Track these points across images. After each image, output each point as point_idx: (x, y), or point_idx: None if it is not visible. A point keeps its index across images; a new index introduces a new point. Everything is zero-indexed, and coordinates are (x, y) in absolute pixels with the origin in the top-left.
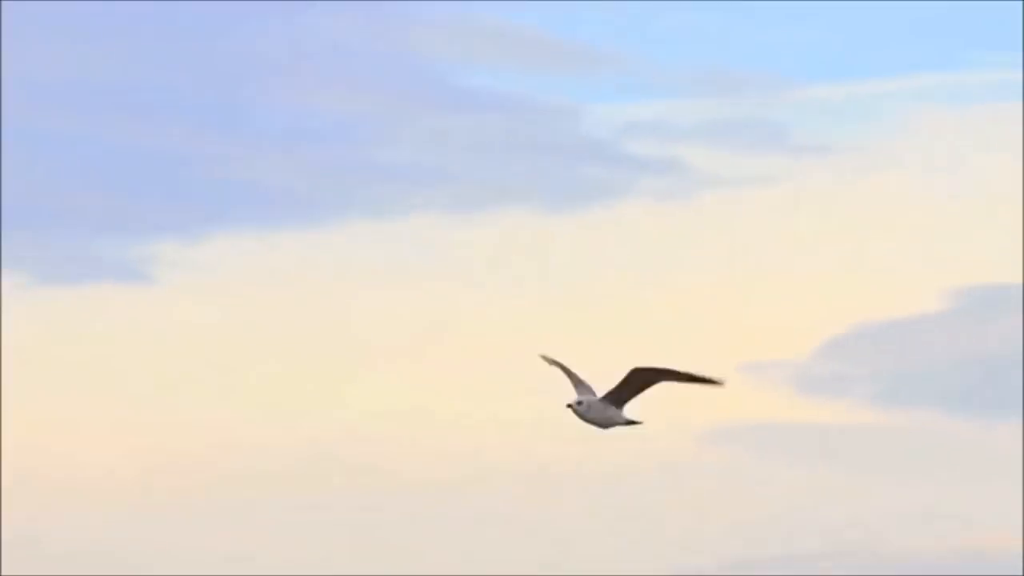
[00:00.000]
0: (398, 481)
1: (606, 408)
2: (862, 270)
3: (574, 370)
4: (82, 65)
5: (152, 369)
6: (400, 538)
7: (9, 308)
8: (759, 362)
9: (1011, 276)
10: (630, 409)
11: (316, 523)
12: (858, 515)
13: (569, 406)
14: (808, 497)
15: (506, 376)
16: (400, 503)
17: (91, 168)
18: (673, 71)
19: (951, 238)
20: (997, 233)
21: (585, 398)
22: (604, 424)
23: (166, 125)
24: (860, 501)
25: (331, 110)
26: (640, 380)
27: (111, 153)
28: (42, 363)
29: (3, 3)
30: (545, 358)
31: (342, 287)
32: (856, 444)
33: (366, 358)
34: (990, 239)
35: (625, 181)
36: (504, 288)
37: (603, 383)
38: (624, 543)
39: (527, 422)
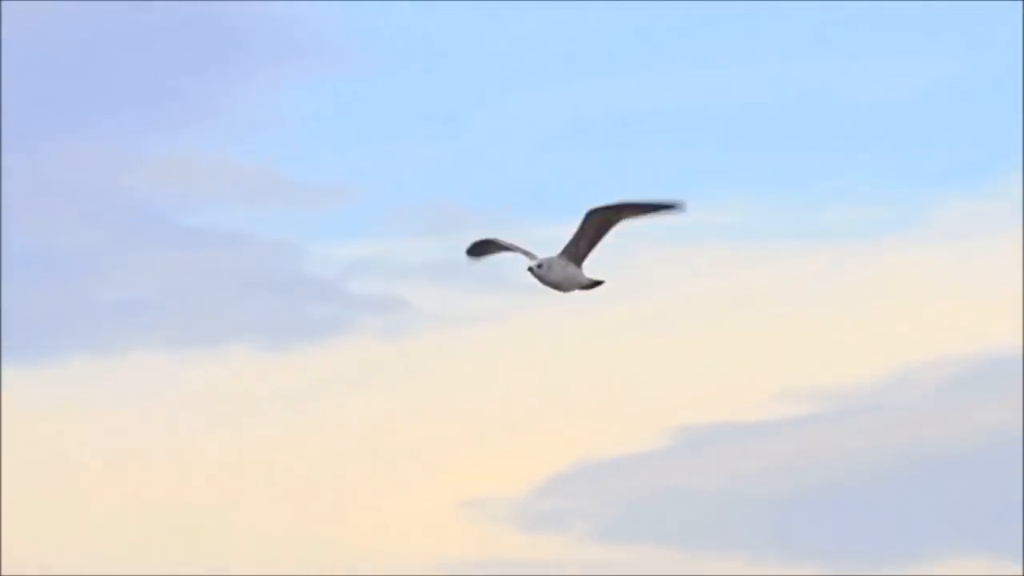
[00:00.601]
0: None
1: (567, 266)
2: (582, 408)
3: (515, 243)
4: None
5: None
6: None
7: None
8: (479, 498)
9: (725, 414)
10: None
11: None
12: None
13: (529, 269)
14: None
15: (229, 511)
16: None
17: None
18: (397, 209)
19: (669, 377)
20: (714, 372)
21: (544, 258)
22: (566, 285)
23: None
24: None
25: (49, 247)
26: (596, 224)
27: None
28: None
29: None
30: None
31: (61, 425)
32: None
33: (90, 495)
34: (706, 378)
35: (348, 319)
36: (224, 426)
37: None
38: None
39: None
